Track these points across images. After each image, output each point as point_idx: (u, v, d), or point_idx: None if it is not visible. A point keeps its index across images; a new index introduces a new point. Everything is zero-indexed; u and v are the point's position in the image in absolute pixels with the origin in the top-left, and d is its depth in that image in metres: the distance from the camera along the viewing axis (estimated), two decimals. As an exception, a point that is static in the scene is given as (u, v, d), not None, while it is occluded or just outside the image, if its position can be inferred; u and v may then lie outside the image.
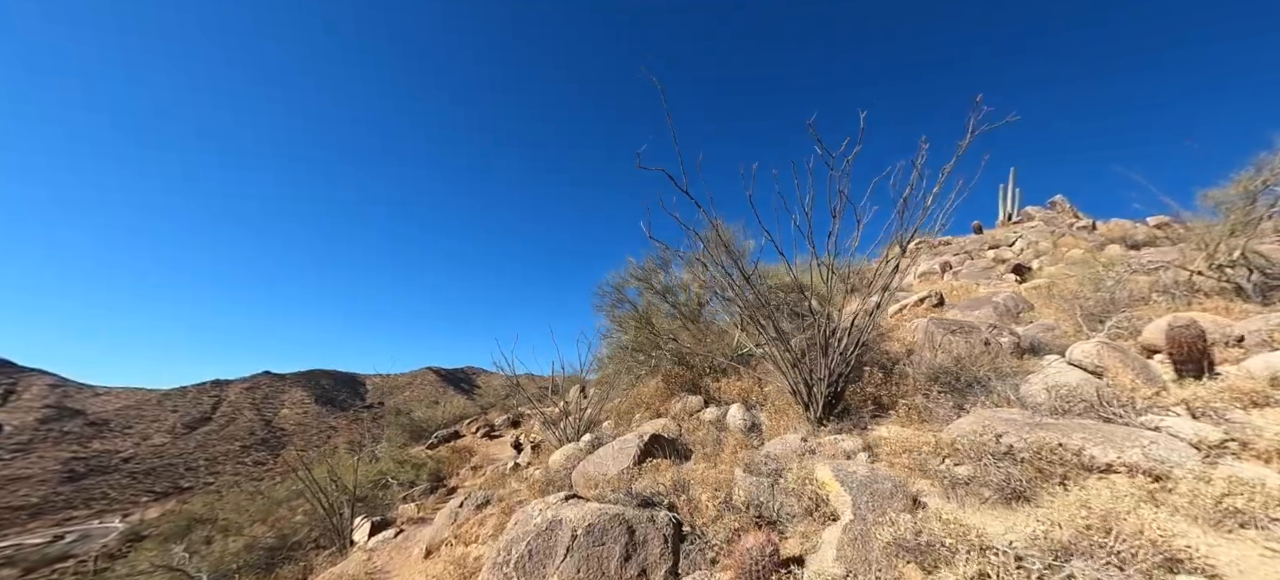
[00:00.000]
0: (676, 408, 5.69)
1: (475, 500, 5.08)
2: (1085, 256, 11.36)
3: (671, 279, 7.78)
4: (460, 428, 19.98)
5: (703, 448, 4.43)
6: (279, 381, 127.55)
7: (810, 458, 3.35)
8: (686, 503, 3.13)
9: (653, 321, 7.28)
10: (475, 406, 28.40)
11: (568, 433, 6.20)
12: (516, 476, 6.03)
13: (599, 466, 4.29)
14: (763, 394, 5.32)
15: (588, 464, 4.42)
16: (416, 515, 8.40)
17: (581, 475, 4.32)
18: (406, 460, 11.89)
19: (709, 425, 4.96)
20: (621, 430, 5.61)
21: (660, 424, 5.24)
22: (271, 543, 7.88)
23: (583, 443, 5.19)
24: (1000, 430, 3.05)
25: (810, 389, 4.22)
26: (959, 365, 4.40)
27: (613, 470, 4.14)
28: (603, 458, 4.36)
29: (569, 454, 5.01)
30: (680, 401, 5.78)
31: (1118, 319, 5.96)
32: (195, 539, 9.77)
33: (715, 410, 5.27)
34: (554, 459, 5.17)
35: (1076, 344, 4.54)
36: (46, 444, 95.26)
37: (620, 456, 4.23)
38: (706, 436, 4.66)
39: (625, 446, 4.31)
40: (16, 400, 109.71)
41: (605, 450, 4.45)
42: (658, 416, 5.88)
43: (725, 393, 5.80)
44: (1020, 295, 8.35)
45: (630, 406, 6.93)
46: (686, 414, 5.46)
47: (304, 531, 8.05)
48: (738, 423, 4.79)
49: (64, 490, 79.41)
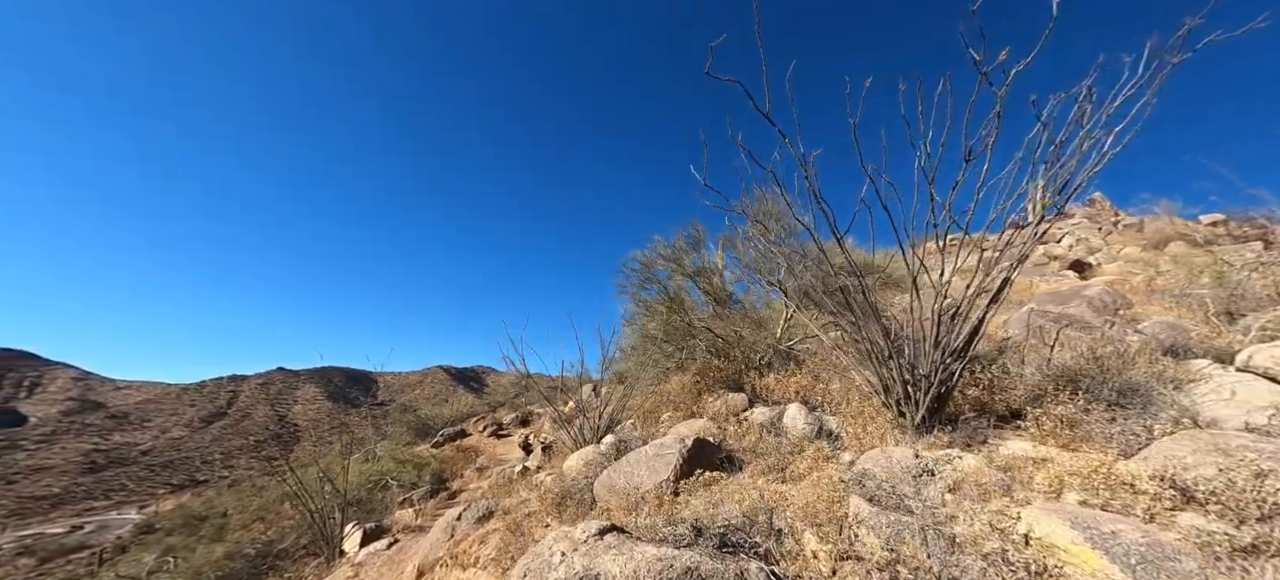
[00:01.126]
0: (715, 407, 4.80)
1: (476, 512, 4.24)
2: (1188, 254, 10.15)
3: (704, 260, 6.86)
4: (467, 426, 19.28)
5: (759, 457, 3.52)
6: (293, 378, 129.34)
7: (932, 479, 2.42)
8: (779, 544, 2.20)
9: (686, 306, 6.38)
10: (483, 405, 27.77)
11: (585, 433, 5.36)
12: (525, 483, 5.19)
13: (630, 477, 3.40)
14: (825, 392, 4.39)
15: (614, 474, 3.54)
16: (413, 523, 7.62)
17: (607, 488, 3.44)
18: (408, 460, 11.15)
19: (760, 429, 4.05)
20: (649, 432, 4.74)
21: (699, 426, 4.35)
22: (255, 550, 7.17)
23: (604, 446, 4.33)
24: (1263, 468, 2.00)
25: (907, 388, 3.27)
26: (1099, 367, 3.41)
27: (648, 483, 3.25)
28: (633, 466, 3.47)
29: (588, 459, 4.15)
30: (719, 400, 4.89)
31: (1265, 319, 4.91)
32: (178, 543, 9.12)
33: (765, 411, 4.35)
34: (570, 464, 4.31)
35: (1255, 349, 3.55)
36: (69, 436, 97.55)
37: (657, 465, 3.34)
38: (760, 443, 3.75)
39: (663, 453, 3.40)
40: (42, 392, 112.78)
41: (636, 456, 3.57)
42: (692, 417, 4.97)
43: (774, 390, 4.87)
44: (1114, 290, 7.28)
45: (656, 405, 6.04)
46: (729, 415, 4.56)
47: (292, 537, 7.33)
48: (800, 427, 3.86)
49: (84, 481, 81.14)
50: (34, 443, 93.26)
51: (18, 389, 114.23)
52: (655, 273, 6.85)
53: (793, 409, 4.10)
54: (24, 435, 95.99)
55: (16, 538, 51.75)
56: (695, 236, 6.93)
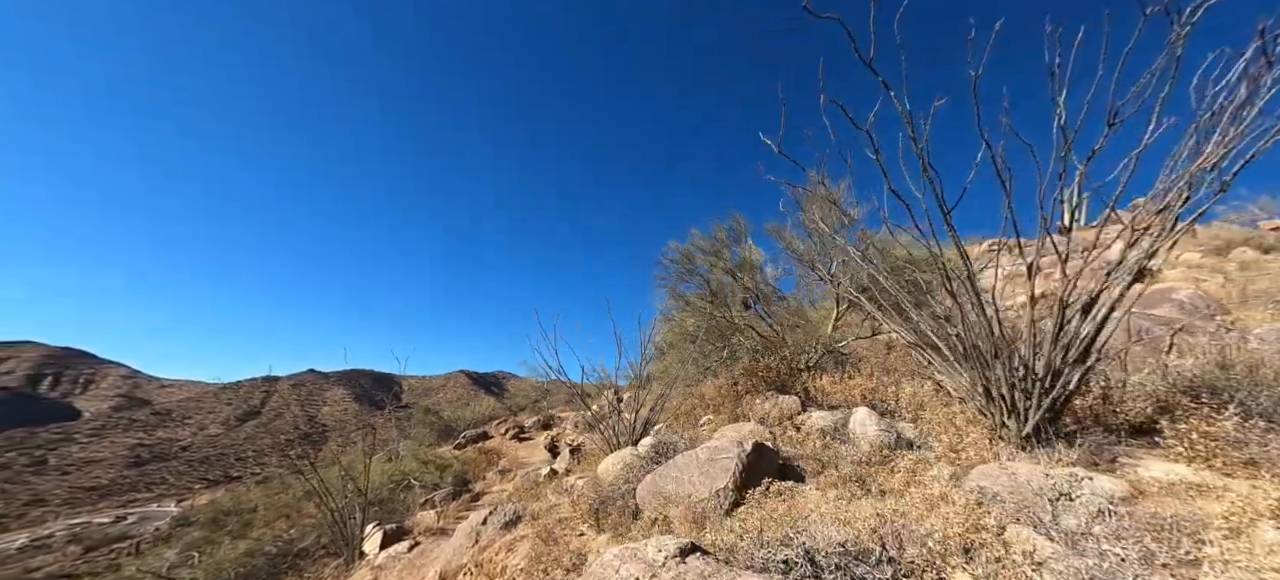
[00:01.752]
0: (763, 410, 4.32)
1: (502, 516, 3.89)
2: (1259, 260, 9.23)
3: (745, 254, 6.38)
4: (489, 428, 19.15)
5: (827, 467, 3.04)
6: (323, 380, 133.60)
7: (1069, 504, 1.91)
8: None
9: (728, 301, 5.92)
10: (504, 408, 27.70)
11: (619, 436, 4.94)
12: (553, 486, 4.82)
13: (679, 483, 2.97)
14: (895, 396, 3.87)
15: (660, 479, 3.11)
16: (435, 525, 7.33)
17: (653, 495, 3.01)
18: (430, 460, 10.95)
19: (821, 436, 3.56)
20: (691, 435, 4.30)
21: (748, 430, 3.88)
22: (276, 549, 7.02)
23: (642, 449, 3.91)
24: None
25: (1014, 393, 2.74)
26: (1250, 376, 2.80)
27: (702, 490, 2.81)
28: (683, 471, 3.03)
29: (627, 463, 3.74)
30: (768, 402, 4.41)
31: None
32: (200, 539, 9.11)
33: (825, 415, 3.85)
34: (606, 468, 3.91)
35: None
36: (117, 430, 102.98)
37: (713, 472, 2.89)
38: (826, 451, 3.27)
39: (718, 458, 2.95)
40: (95, 389, 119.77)
41: (684, 461, 3.13)
42: (736, 420, 4.51)
43: (830, 394, 4.37)
44: (1205, 294, 6.49)
45: (692, 407, 5.59)
46: (780, 419, 4.08)
47: (313, 535, 7.14)
48: (871, 434, 3.33)
49: (129, 474, 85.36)
50: (86, 436, 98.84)
51: (74, 385, 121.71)
52: (696, 266, 6.40)
53: (860, 414, 3.59)
54: (77, 429, 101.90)
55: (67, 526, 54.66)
56: (736, 229, 6.47)
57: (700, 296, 6.23)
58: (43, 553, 37.55)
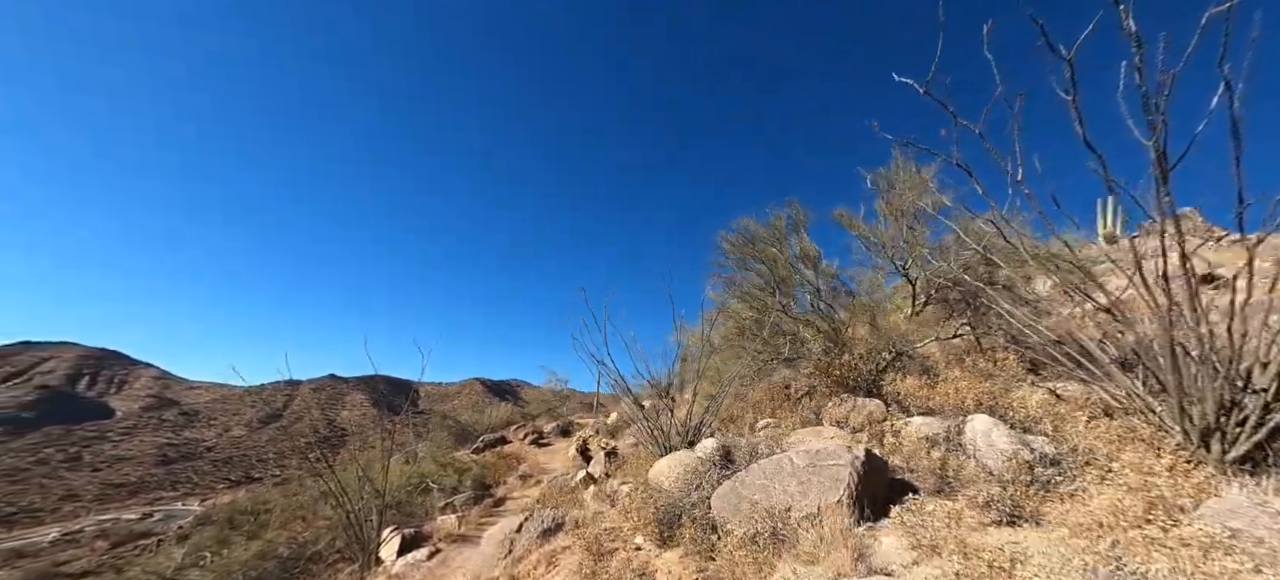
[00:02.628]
0: (840, 413, 3.69)
1: (540, 523, 3.35)
2: None
3: (802, 244, 5.74)
4: (507, 433, 18.70)
5: (955, 484, 2.43)
6: (342, 384, 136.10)
7: None
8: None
9: (790, 295, 5.32)
10: (522, 414, 27.30)
11: (672, 437, 4.33)
12: (595, 493, 4.25)
13: (770, 495, 2.37)
14: (1020, 403, 3.21)
15: (743, 488, 2.50)
16: (457, 531, 6.82)
17: (737, 505, 2.41)
18: (449, 463, 10.50)
19: (929, 445, 2.93)
20: (747, 439, 3.71)
21: (831, 435, 3.28)
22: (289, 551, 6.61)
23: (703, 452, 3.33)
24: None
25: (1220, 411, 2.10)
26: None
27: (806, 504, 2.20)
28: (772, 480, 2.42)
29: (689, 468, 3.16)
30: (844, 405, 3.77)
31: None
32: (209, 539, 8.79)
33: (928, 423, 3.20)
34: (660, 473, 3.34)
35: None
36: (147, 430, 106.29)
37: (816, 483, 2.27)
38: (941, 465, 2.65)
39: (824, 466, 2.33)
40: (128, 389, 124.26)
41: (770, 468, 2.51)
42: (805, 424, 3.89)
43: (920, 397, 3.71)
44: None
45: (741, 410, 4.98)
46: (867, 424, 3.45)
47: (327, 538, 6.72)
48: (1001, 447, 2.67)
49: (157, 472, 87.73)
50: (118, 435, 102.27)
51: (109, 385, 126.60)
52: (757, 250, 5.75)
53: (980, 423, 2.92)
54: (110, 427, 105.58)
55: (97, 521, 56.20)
56: (794, 218, 5.85)
57: (758, 288, 5.62)
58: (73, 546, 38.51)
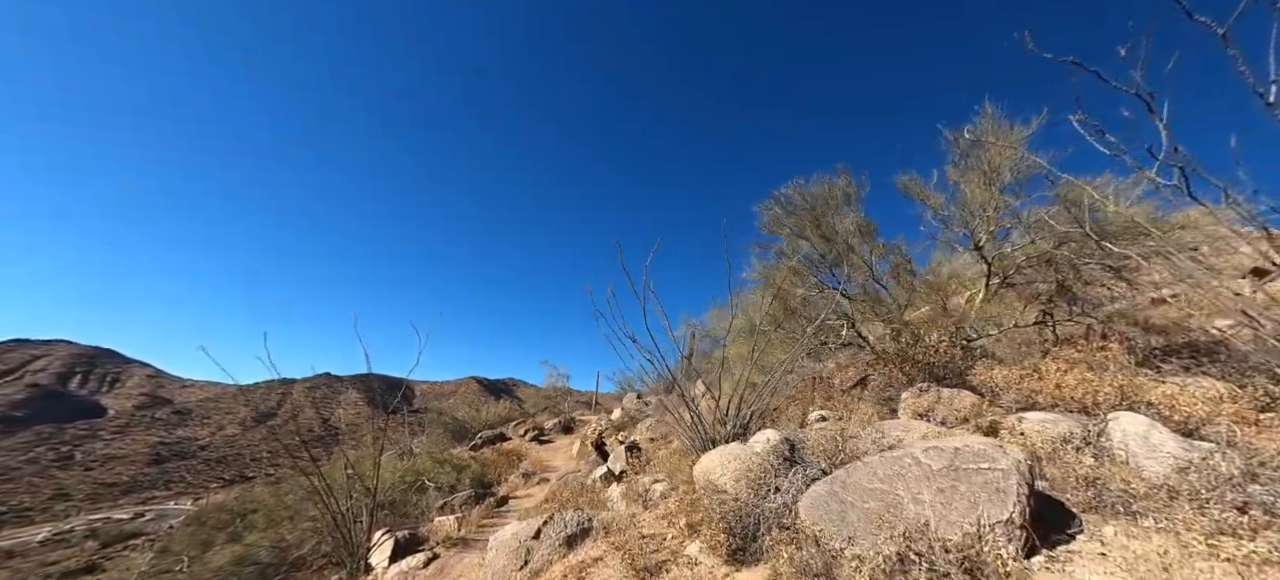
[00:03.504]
0: (922, 404, 3.12)
1: (563, 528, 2.76)
2: None
3: (845, 222, 5.13)
4: (506, 430, 18.11)
5: (1113, 499, 1.86)
6: (337, 383, 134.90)
7: None
8: None
9: (846, 272, 4.72)
10: (521, 411, 26.67)
11: (717, 430, 3.71)
12: (624, 492, 3.65)
13: (889, 503, 1.77)
14: (1156, 397, 2.65)
15: (845, 492, 1.90)
16: (456, 533, 6.21)
17: (844, 514, 1.81)
18: (446, 460, 9.90)
19: (1068, 447, 2.36)
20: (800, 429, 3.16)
21: (925, 430, 2.71)
22: (270, 556, 6.02)
23: (762, 446, 2.73)
24: None
25: None
26: None
27: (955, 521, 1.62)
28: (889, 485, 1.82)
29: (750, 465, 2.56)
30: (926, 396, 3.19)
31: None
32: (185, 542, 8.15)
33: (1049, 420, 2.62)
34: (709, 469, 2.73)
35: None
36: (140, 428, 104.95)
37: (965, 492, 1.65)
38: (1084, 473, 2.08)
39: (970, 470, 1.70)
40: (120, 387, 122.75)
41: (886, 468, 1.90)
42: (887, 417, 3.31)
43: (1010, 387, 3.13)
44: None
45: (779, 400, 4.39)
46: (971, 417, 2.86)
47: (313, 541, 6.12)
48: (1167, 454, 2.08)
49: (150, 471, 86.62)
50: (110, 433, 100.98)
51: (101, 383, 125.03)
52: (810, 223, 5.07)
53: (1132, 424, 2.31)
54: (103, 426, 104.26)
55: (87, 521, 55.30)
56: (847, 189, 5.23)
57: (808, 264, 5.01)
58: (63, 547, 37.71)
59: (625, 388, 27.94)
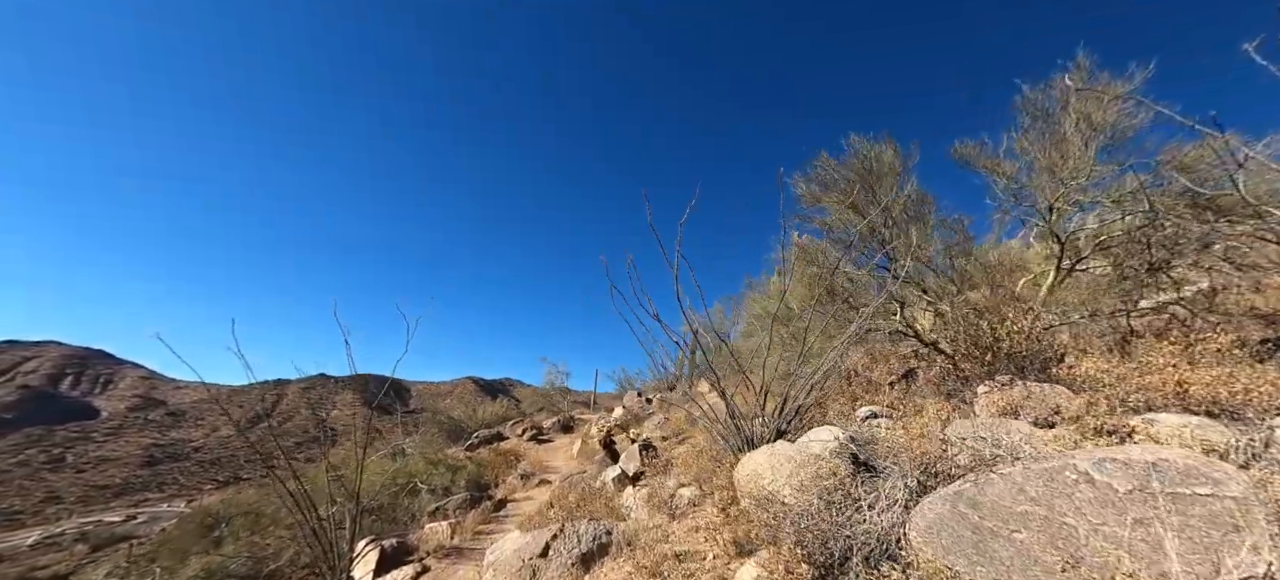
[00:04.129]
0: (1005, 400, 2.62)
1: (576, 541, 2.26)
2: None
3: (908, 190, 4.58)
4: (503, 429, 17.56)
5: None
6: (332, 383, 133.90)
7: None
8: None
9: (898, 250, 4.20)
10: (518, 410, 26.13)
11: (755, 428, 3.18)
12: (646, 499, 3.13)
13: (1067, 538, 1.26)
14: None
15: (986, 514, 1.37)
16: (449, 541, 5.70)
17: (995, 547, 1.28)
18: (440, 460, 9.37)
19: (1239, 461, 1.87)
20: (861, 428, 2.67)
21: (1025, 430, 2.23)
22: (243, 569, 5.50)
23: (822, 448, 2.23)
24: None
25: None
26: None
27: (1173, 571, 1.14)
28: (1053, 510, 1.30)
29: (811, 470, 2.07)
30: (1009, 390, 2.69)
31: None
32: (158, 548, 7.60)
33: (1195, 424, 2.13)
34: (755, 474, 2.24)
35: None
36: (133, 430, 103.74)
37: (1178, 526, 1.18)
38: None
39: (1183, 497, 1.20)
40: (113, 389, 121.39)
41: (1038, 484, 1.38)
42: (964, 415, 2.80)
43: (1106, 382, 2.63)
44: None
45: (820, 394, 3.88)
46: (1078, 418, 2.38)
47: (291, 550, 5.60)
48: None
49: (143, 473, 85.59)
50: (103, 435, 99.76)
51: (93, 384, 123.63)
52: (866, 193, 4.50)
53: None
54: (95, 428, 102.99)
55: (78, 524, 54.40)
56: (893, 160, 4.66)
57: (847, 243, 4.47)
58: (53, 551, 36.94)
59: (625, 386, 27.34)
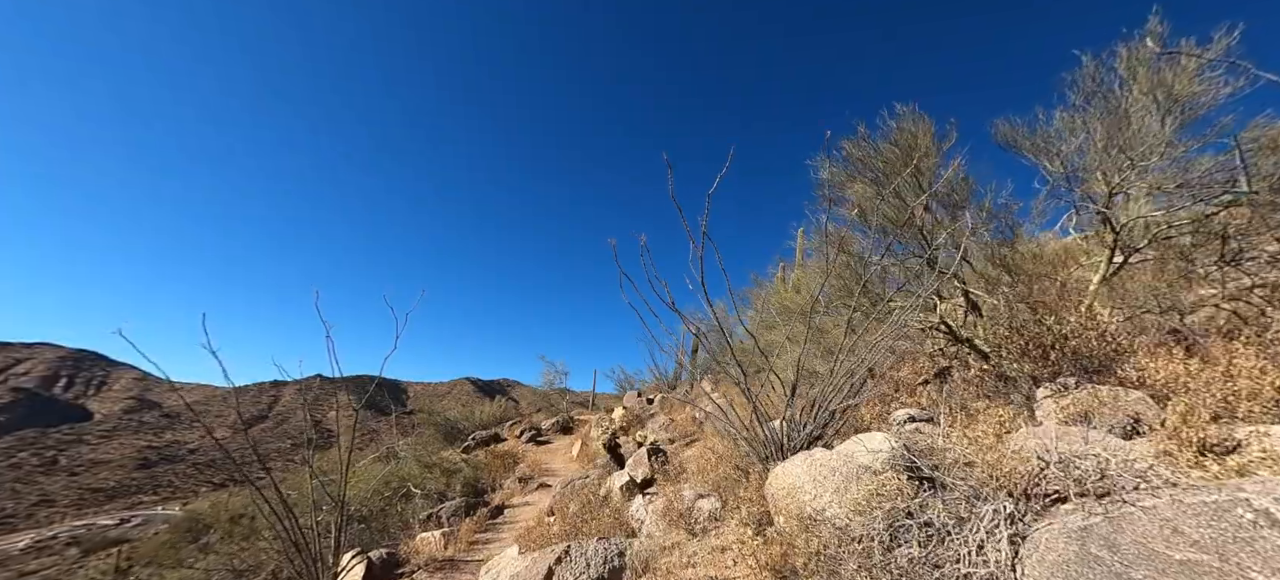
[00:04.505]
0: (1074, 404, 2.29)
1: (584, 566, 1.92)
2: None
3: (950, 170, 4.19)
4: (501, 430, 17.21)
5: None
6: (329, 384, 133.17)
7: None
8: None
9: (928, 238, 3.84)
10: (516, 410, 25.77)
11: (789, 434, 2.79)
12: (659, 511, 2.79)
13: None
14: None
15: (1149, 566, 1.04)
16: (442, 553, 5.34)
17: None
18: (435, 464, 9.03)
19: None
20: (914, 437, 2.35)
21: (1103, 442, 1.91)
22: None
23: (869, 458, 1.89)
24: None
25: None
26: None
27: None
28: (1240, 560, 1.01)
29: (867, 487, 1.75)
30: (1075, 396, 2.35)
31: None
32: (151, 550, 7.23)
33: None
34: (793, 487, 1.91)
35: None
36: (127, 432, 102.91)
37: None
38: None
39: None
40: (107, 391, 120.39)
41: (1188, 525, 1.05)
42: (1007, 428, 2.48)
43: (1170, 381, 2.31)
44: None
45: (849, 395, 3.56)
46: (1174, 428, 2.07)
47: (272, 563, 5.28)
48: None
49: (137, 476, 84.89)
50: (96, 437, 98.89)
51: (87, 387, 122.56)
52: (902, 173, 4.12)
53: None
54: (88, 431, 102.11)
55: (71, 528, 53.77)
56: (929, 138, 4.25)
57: (875, 232, 4.09)
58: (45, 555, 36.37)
59: (625, 386, 26.95)
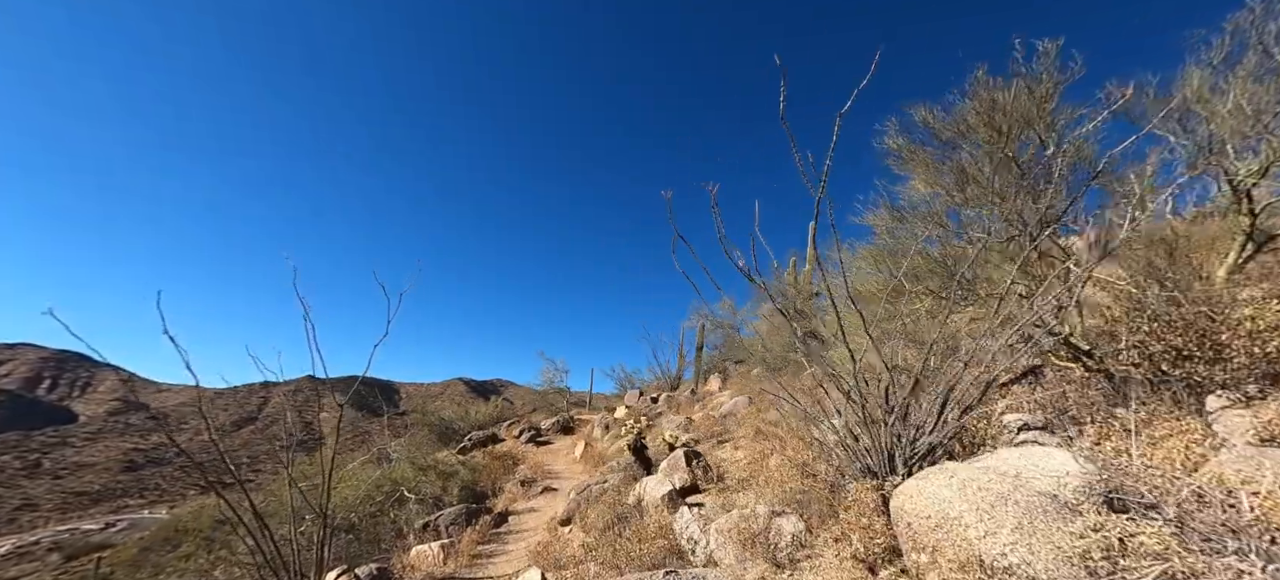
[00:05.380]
0: (1264, 418, 1.82)
1: None
2: None
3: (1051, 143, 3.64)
4: (499, 430, 16.62)
5: None
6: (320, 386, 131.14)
7: None
8: None
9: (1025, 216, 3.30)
10: (514, 410, 25.16)
11: (884, 442, 2.18)
12: (730, 535, 2.22)
13: None
14: None
15: None
16: (441, 568, 4.78)
17: None
18: (430, 466, 8.48)
19: None
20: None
21: None
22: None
23: (1046, 480, 1.39)
24: None
25: None
26: None
27: None
28: None
29: (1065, 528, 1.21)
30: (1270, 408, 1.85)
31: None
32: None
33: None
34: (944, 516, 1.38)
35: None
36: (113, 435, 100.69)
37: None
38: None
39: None
40: (92, 392, 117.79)
41: None
42: (1203, 455, 1.96)
43: None
44: None
45: None
46: None
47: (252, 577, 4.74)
48: None
49: (123, 479, 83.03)
50: (81, 440, 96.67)
51: (71, 388, 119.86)
52: (1002, 137, 3.44)
53: None
54: (73, 433, 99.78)
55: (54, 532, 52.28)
56: (1026, 100, 3.70)
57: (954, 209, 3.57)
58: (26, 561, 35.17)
59: (625, 385, 26.39)
